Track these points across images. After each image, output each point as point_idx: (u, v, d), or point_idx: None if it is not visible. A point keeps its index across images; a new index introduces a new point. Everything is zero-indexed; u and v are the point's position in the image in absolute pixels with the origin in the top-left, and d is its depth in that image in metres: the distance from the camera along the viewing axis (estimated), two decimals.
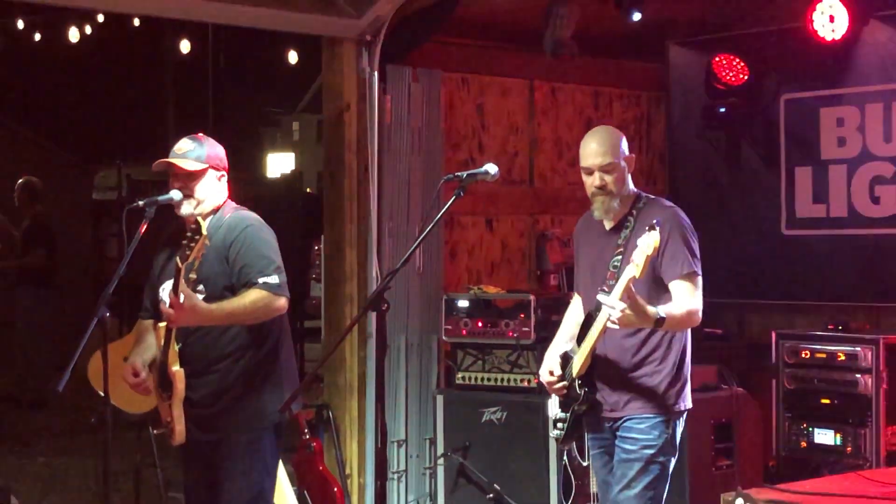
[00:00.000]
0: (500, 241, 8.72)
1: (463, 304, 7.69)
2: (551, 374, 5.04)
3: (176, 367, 4.97)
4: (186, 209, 5.10)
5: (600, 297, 4.70)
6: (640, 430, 4.97)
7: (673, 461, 5.08)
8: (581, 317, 5.17)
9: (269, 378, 5.13)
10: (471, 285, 8.12)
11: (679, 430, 5.09)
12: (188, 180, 5.11)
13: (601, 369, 5.01)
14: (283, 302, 5.03)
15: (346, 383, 7.74)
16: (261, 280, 4.98)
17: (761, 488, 6.56)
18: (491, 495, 7.07)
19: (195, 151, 5.16)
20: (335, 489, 7.43)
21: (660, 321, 4.69)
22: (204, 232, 4.83)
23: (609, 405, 5.02)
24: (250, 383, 5.09)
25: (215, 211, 5.17)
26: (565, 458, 6.75)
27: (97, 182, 14.36)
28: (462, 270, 8.48)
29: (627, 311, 4.54)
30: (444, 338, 7.78)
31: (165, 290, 5.06)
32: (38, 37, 12.28)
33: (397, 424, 7.85)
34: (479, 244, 8.63)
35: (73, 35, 11.93)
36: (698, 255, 5.02)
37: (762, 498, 6.26)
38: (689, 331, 5.14)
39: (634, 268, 4.53)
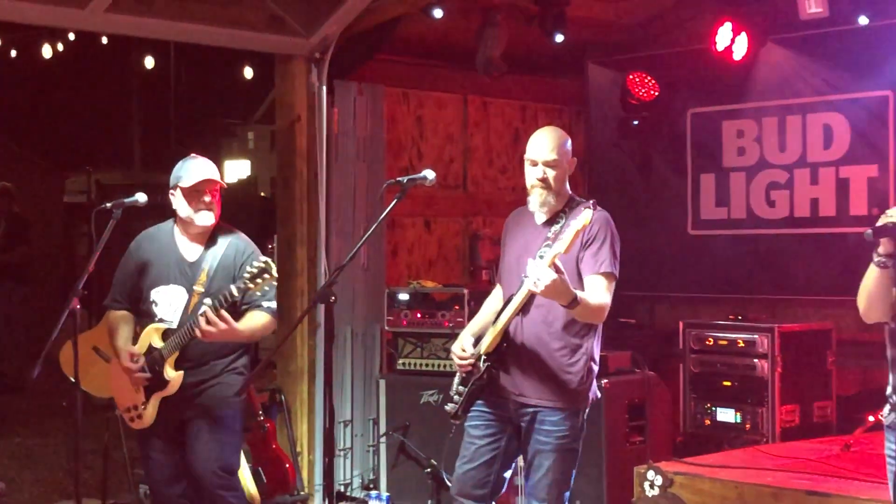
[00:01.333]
0: (437, 240, 8.77)
1: (403, 297, 7.73)
2: (463, 350, 4.95)
3: (173, 372, 5.15)
4: (209, 220, 5.27)
5: (529, 262, 4.60)
6: (553, 422, 4.88)
7: (581, 440, 5.02)
8: (497, 305, 5.09)
9: (245, 369, 5.36)
10: (411, 280, 8.21)
11: (586, 415, 5.02)
12: (215, 195, 5.29)
13: (516, 355, 4.91)
14: (276, 323, 5.31)
15: (296, 369, 7.72)
16: (265, 305, 5.20)
17: (670, 461, 6.75)
18: (428, 470, 7.06)
19: (213, 168, 5.33)
20: (287, 465, 7.43)
21: (574, 302, 4.60)
22: (274, 274, 5.00)
23: (519, 390, 4.92)
24: (229, 375, 5.30)
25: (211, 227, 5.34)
26: None
27: (68, 186, 14.26)
28: (403, 267, 8.51)
29: (551, 282, 4.43)
30: (386, 328, 7.82)
31: (159, 293, 5.24)
32: (13, 53, 12.21)
33: (343, 406, 7.88)
34: (418, 243, 8.68)
35: (47, 52, 11.86)
36: (619, 260, 4.96)
37: (670, 470, 6.43)
38: (600, 328, 5.06)
39: (562, 244, 4.51)
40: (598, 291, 4.82)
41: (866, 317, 4.16)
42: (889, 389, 4.18)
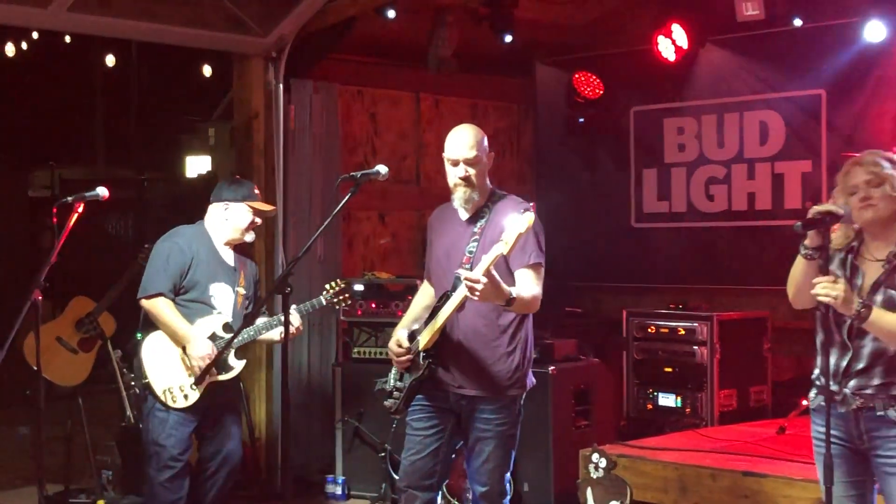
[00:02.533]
0: (391, 233, 8.73)
1: (359, 287, 7.61)
2: (399, 345, 4.88)
3: (240, 361, 5.74)
4: (252, 239, 5.91)
5: (461, 271, 4.53)
6: (492, 410, 4.81)
7: (519, 426, 4.97)
8: (428, 301, 5.01)
9: None
10: (365, 271, 8.14)
11: (522, 402, 4.96)
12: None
13: (454, 349, 4.82)
14: None
15: (255, 358, 7.65)
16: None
17: (614, 445, 6.72)
18: (382, 454, 7.04)
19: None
20: (244, 451, 7.41)
21: (511, 300, 4.52)
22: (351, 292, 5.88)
23: (458, 382, 4.83)
24: None
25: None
26: None
27: (32, 181, 14.16)
28: (358, 258, 8.47)
29: (487, 287, 4.34)
30: (341, 318, 7.73)
31: (217, 289, 5.71)
32: None
33: (300, 393, 7.83)
34: (373, 235, 8.64)
35: (10, 50, 11.79)
36: (544, 250, 4.83)
37: (614, 452, 6.42)
38: (531, 319, 4.97)
39: (504, 245, 4.36)
40: (529, 284, 4.72)
41: (795, 304, 4.20)
42: (816, 373, 4.23)
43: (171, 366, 5.60)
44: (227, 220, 5.77)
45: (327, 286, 5.76)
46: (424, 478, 4.93)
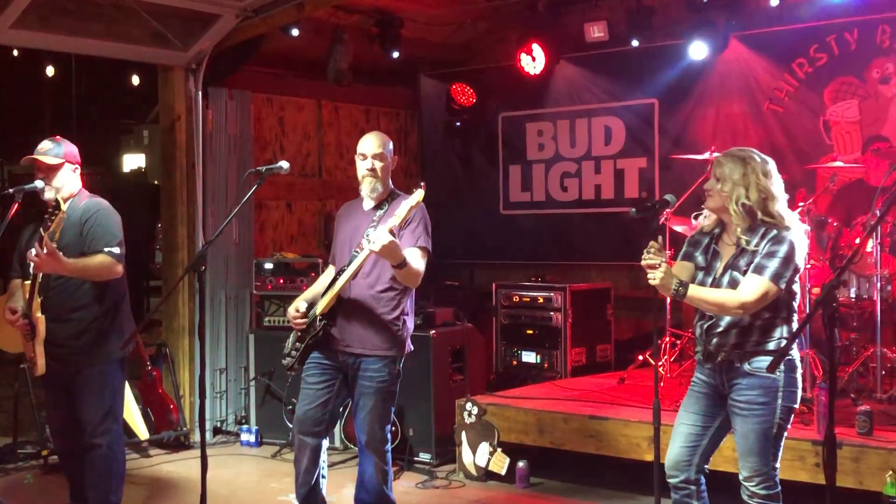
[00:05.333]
0: (297, 219, 8.63)
1: (268, 266, 7.59)
2: (297, 311, 4.86)
3: (39, 314, 4.81)
4: (49, 194, 4.90)
5: (370, 230, 4.63)
6: (375, 369, 4.80)
7: (398, 384, 4.96)
8: (329, 279, 4.98)
9: (112, 326, 4.96)
10: (274, 252, 8.08)
11: (401, 364, 4.93)
12: (49, 172, 4.92)
13: (346, 314, 4.81)
14: (120, 268, 4.91)
15: (178, 327, 7.59)
16: (105, 249, 4.85)
17: (484, 395, 6.78)
18: (290, 407, 6.93)
19: (54, 150, 4.97)
20: (171, 406, 7.33)
21: (402, 263, 4.56)
22: (63, 209, 4.73)
23: (347, 342, 4.81)
24: (98, 329, 4.92)
25: (72, 196, 4.98)
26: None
27: None
28: (268, 241, 8.37)
29: (388, 242, 4.39)
30: (254, 291, 7.66)
31: (32, 254, 4.82)
32: None
33: (219, 356, 7.75)
34: (282, 221, 8.53)
35: None
36: (430, 238, 4.87)
37: (484, 402, 6.49)
38: (412, 296, 4.95)
39: (397, 218, 4.48)
40: (416, 259, 4.75)
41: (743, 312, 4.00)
42: (697, 331, 4.17)
43: None
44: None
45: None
46: (314, 425, 4.90)
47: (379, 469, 4.95)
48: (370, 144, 4.91)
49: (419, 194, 4.55)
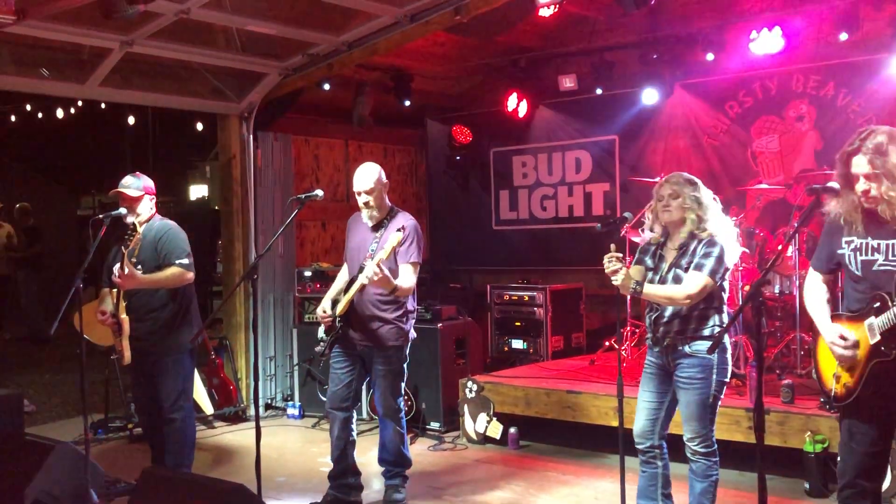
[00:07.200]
0: (330, 236, 8.61)
1: (308, 273, 7.60)
2: (324, 311, 4.88)
3: (124, 315, 4.83)
4: (130, 219, 4.93)
5: (365, 263, 4.63)
6: (386, 357, 4.83)
7: (407, 365, 4.95)
8: (346, 278, 5.02)
9: (183, 323, 4.98)
10: (312, 262, 8.09)
11: (408, 349, 4.93)
12: (132, 202, 4.95)
13: (358, 316, 4.82)
14: (190, 275, 4.93)
15: (237, 323, 7.60)
16: (177, 262, 4.88)
17: (482, 375, 6.77)
18: (325, 387, 6.93)
19: (135, 184, 4.99)
20: (231, 387, 7.34)
21: (395, 289, 4.62)
22: (139, 231, 4.77)
23: (360, 338, 4.84)
24: (171, 325, 4.94)
25: (149, 220, 5.01)
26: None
27: (81, 204, 13.89)
28: (307, 254, 8.36)
29: (379, 276, 4.44)
30: (296, 294, 7.67)
31: (116, 269, 4.88)
32: (40, 115, 11.91)
33: (269, 347, 7.73)
34: (318, 238, 8.52)
35: (60, 113, 11.65)
36: (420, 251, 4.82)
37: (482, 380, 6.47)
38: (412, 298, 4.91)
39: (383, 252, 4.49)
40: (408, 276, 4.75)
41: (689, 303, 3.98)
42: (647, 321, 4.17)
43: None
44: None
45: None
46: (342, 401, 4.93)
47: (396, 433, 4.97)
48: (360, 181, 4.83)
49: (397, 237, 4.50)
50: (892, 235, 3.25)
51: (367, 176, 4.83)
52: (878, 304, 3.23)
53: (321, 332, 4.98)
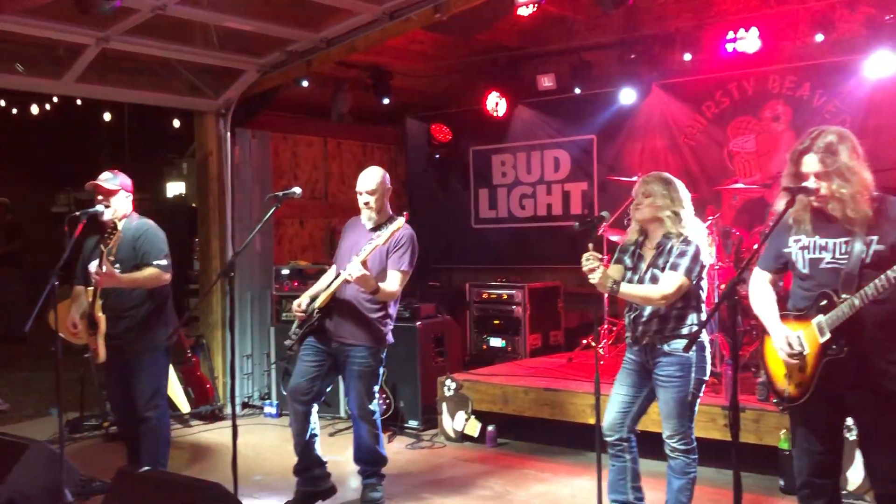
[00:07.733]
0: (308, 234, 8.59)
1: (285, 271, 7.56)
2: (299, 305, 4.87)
3: (100, 313, 4.76)
4: (107, 216, 4.86)
5: (353, 259, 4.60)
6: (362, 356, 4.78)
7: (382, 368, 4.94)
8: (331, 278, 4.97)
9: (159, 321, 4.92)
10: (290, 260, 8.04)
11: (384, 352, 4.92)
12: (108, 195, 4.88)
13: (339, 310, 4.79)
14: (167, 276, 4.88)
15: (214, 321, 7.56)
16: (155, 262, 4.83)
17: (460, 373, 6.77)
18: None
19: (112, 179, 4.93)
20: (207, 386, 7.30)
21: (376, 290, 4.62)
22: (119, 229, 4.71)
23: (338, 332, 4.79)
24: (147, 324, 4.89)
25: (125, 216, 4.94)
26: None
27: (56, 201, 13.77)
28: (285, 252, 8.32)
29: (360, 276, 4.47)
30: (274, 292, 7.63)
31: (93, 266, 4.78)
32: (13, 110, 11.73)
33: (246, 345, 7.69)
34: (296, 236, 8.49)
35: (35, 109, 11.47)
36: (412, 262, 4.81)
37: (461, 378, 6.47)
38: (393, 304, 4.90)
39: (381, 238, 4.51)
40: (394, 282, 4.74)
41: (665, 302, 4.01)
42: (627, 320, 4.20)
43: None
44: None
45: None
46: (302, 395, 4.87)
47: (371, 433, 4.94)
48: (363, 183, 4.86)
49: (400, 221, 4.54)
50: (841, 234, 3.27)
51: (371, 177, 4.87)
52: (824, 302, 3.25)
53: (294, 327, 4.97)
